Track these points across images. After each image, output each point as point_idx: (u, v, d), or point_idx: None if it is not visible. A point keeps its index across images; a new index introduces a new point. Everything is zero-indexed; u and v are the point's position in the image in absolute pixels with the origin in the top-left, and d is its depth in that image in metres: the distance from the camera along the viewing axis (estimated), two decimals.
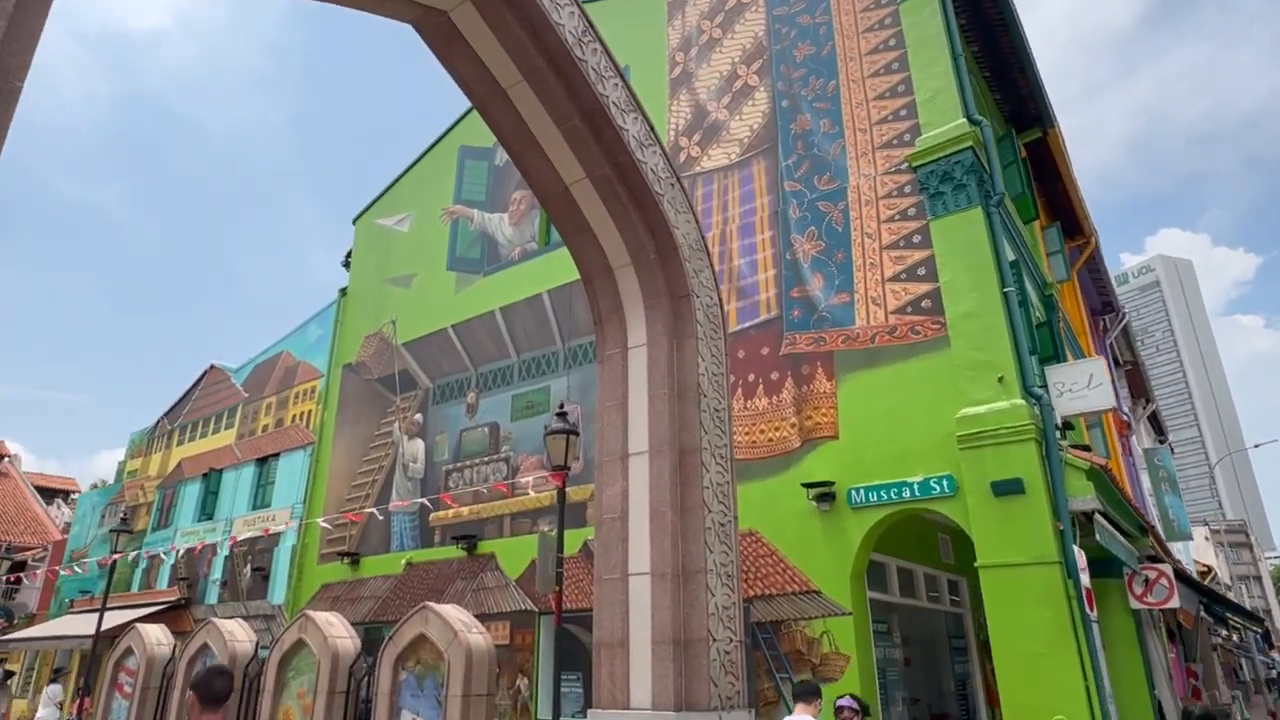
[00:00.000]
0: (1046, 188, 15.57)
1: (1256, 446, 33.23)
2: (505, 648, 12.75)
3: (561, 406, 9.85)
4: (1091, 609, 8.39)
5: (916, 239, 10.66)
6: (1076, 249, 17.08)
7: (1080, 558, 8.39)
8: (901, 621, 11.67)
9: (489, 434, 14.62)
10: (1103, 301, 20.15)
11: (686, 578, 7.69)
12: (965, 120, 10.51)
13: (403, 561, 14.87)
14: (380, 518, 15.75)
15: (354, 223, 20.15)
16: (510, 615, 12.96)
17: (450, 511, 14.63)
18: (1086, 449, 10.36)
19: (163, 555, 17.97)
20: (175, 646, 13.86)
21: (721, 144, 13.34)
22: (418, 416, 16.09)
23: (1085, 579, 8.35)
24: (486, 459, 14.28)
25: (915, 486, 9.66)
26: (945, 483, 9.45)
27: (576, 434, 9.55)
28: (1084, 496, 8.74)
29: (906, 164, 11.01)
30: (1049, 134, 14.44)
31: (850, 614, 9.74)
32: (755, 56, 13.43)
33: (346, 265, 20.03)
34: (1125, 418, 19.76)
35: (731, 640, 7.74)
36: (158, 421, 23.85)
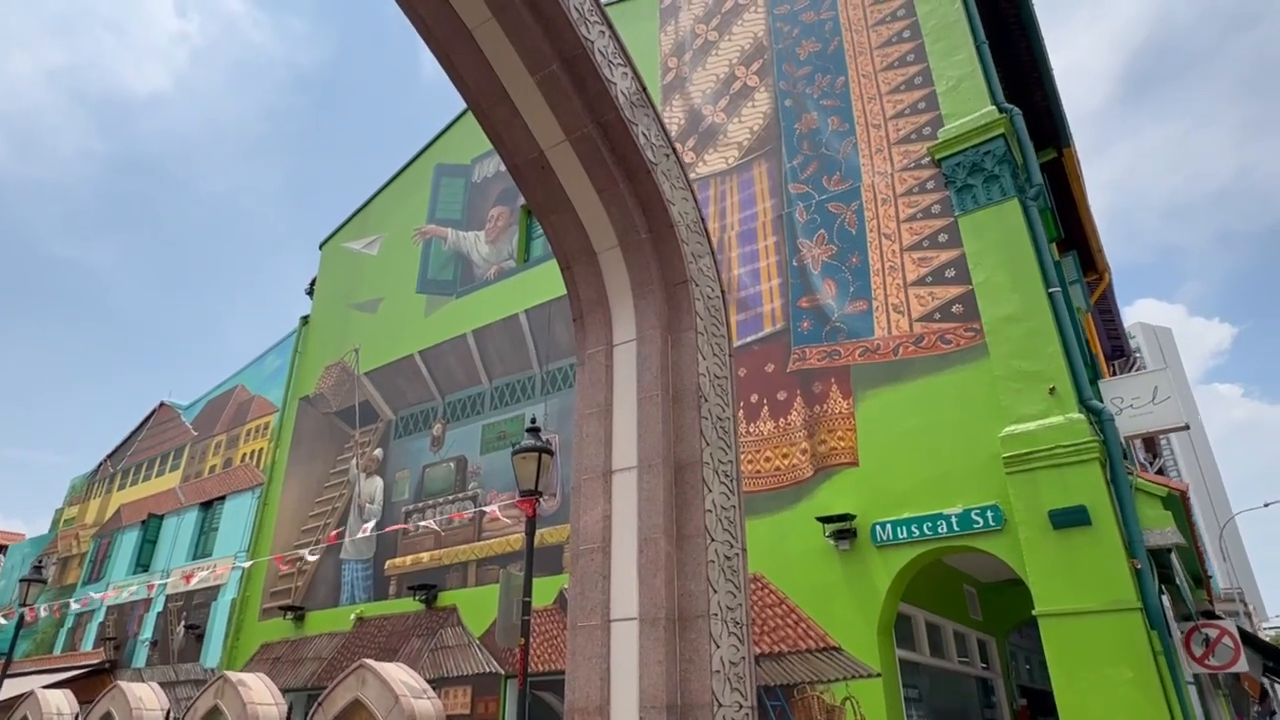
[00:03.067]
0: (1060, 214, 14.49)
1: (1266, 506, 31.77)
2: (465, 718, 10.84)
3: (533, 421, 8.30)
4: (1188, 667, 6.80)
5: (943, 238, 9.38)
6: (1090, 285, 15.95)
7: (1167, 604, 6.84)
8: (928, 687, 9.94)
9: (455, 469, 12.95)
10: (1113, 345, 18.96)
11: (684, 624, 6.03)
12: (994, 108, 9.39)
13: (352, 616, 12.98)
14: (331, 548, 13.89)
15: (320, 248, 18.79)
16: (472, 679, 11.09)
17: (408, 558, 12.83)
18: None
19: (74, 606, 15.89)
20: (75, 717, 11.84)
21: (719, 148, 12.17)
22: (377, 452, 14.41)
23: (1176, 631, 6.77)
24: (452, 497, 12.58)
25: (953, 520, 8.11)
26: (990, 514, 7.92)
27: (550, 453, 7.98)
28: (1162, 529, 7.24)
29: (929, 158, 9.82)
30: (1064, 154, 13.40)
31: (879, 675, 8.06)
32: (755, 57, 12.40)
33: (310, 293, 18.58)
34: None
35: (741, 707, 6.04)
36: (100, 464, 21.89)
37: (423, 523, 9.99)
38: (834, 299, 9.94)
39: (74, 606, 15.82)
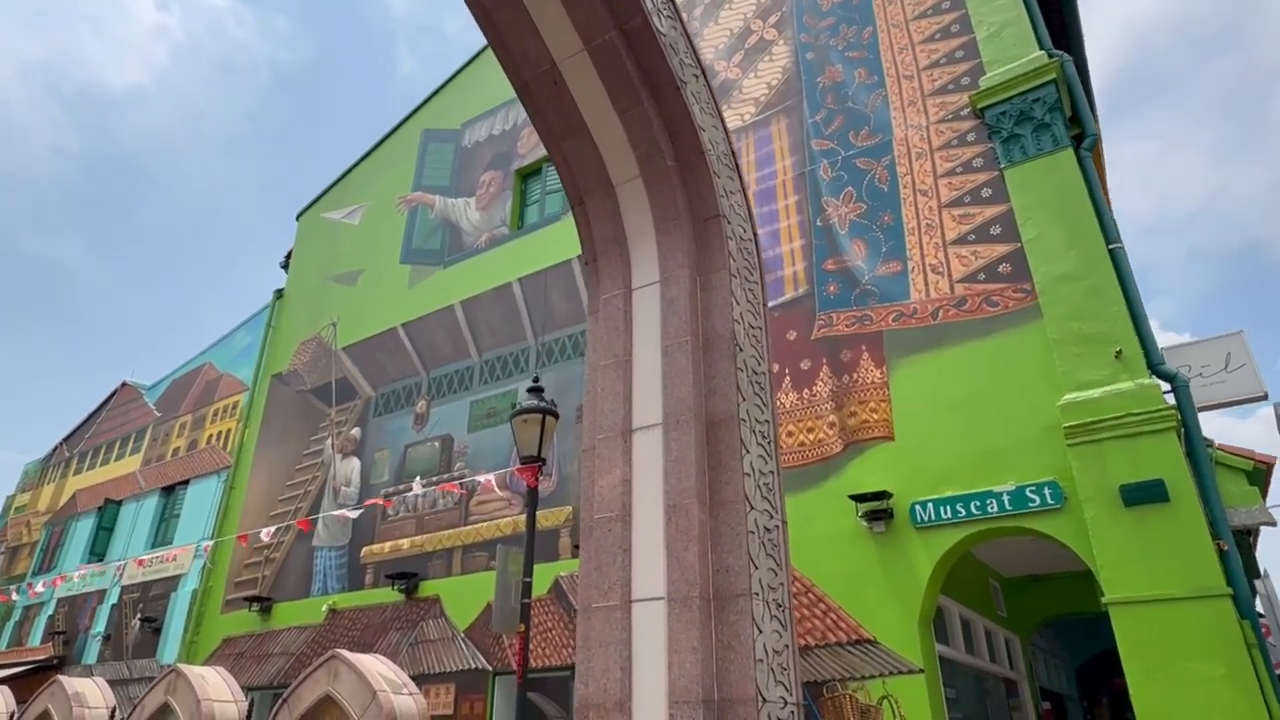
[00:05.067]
0: None
1: None
2: (448, 718, 9.81)
3: (535, 380, 7.33)
4: None
5: (986, 193, 8.55)
6: None
7: (1261, 592, 6.01)
8: (963, 688, 9.07)
9: (440, 449, 11.92)
10: None
11: (722, 605, 5.07)
12: (1043, 52, 8.58)
13: (324, 608, 11.89)
14: (303, 535, 12.79)
15: (297, 219, 17.66)
16: (456, 676, 10.06)
17: (386, 545, 11.77)
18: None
19: (15, 595, 14.62)
20: (11, 716, 10.67)
21: (733, 105, 11.29)
22: (355, 431, 13.33)
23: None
24: (436, 478, 11.54)
25: (1005, 498, 7.25)
26: (1048, 491, 7.06)
27: (555, 414, 7.01)
28: (1249, 507, 6.42)
29: (969, 108, 8.99)
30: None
31: (921, 672, 7.16)
32: (773, 10, 11.53)
33: (285, 267, 17.44)
34: None
35: (786, 703, 5.10)
36: (55, 448, 20.53)
37: (409, 493, 9.00)
38: (864, 260, 9.07)
39: (14, 597, 14.56)
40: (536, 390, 7.13)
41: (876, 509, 7.75)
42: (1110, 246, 7.54)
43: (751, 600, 5.02)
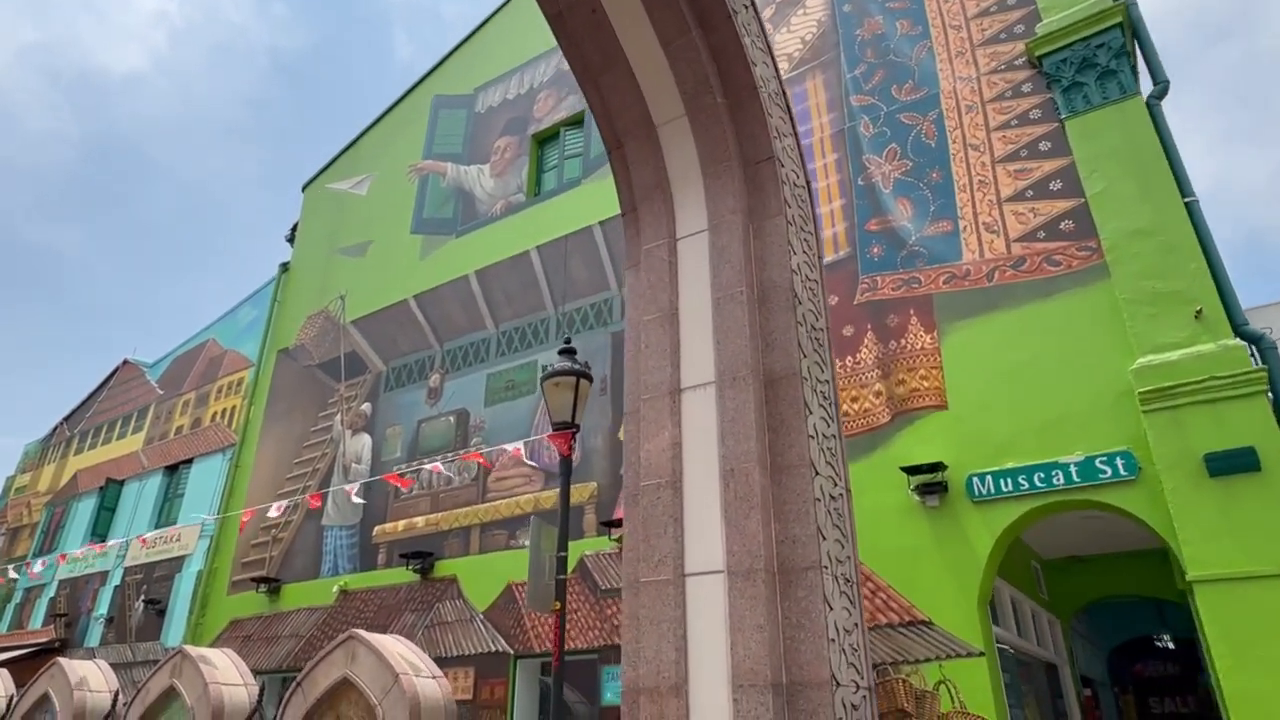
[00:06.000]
0: None
1: None
2: (467, 704, 9.36)
3: (568, 341, 6.81)
4: None
5: (1044, 146, 7.99)
6: None
7: None
8: (1009, 673, 8.60)
9: (455, 423, 11.42)
10: None
11: (789, 578, 4.55)
12: None
13: (335, 588, 11.43)
14: (311, 514, 12.32)
15: (303, 190, 17.09)
16: (476, 659, 9.59)
17: (400, 523, 11.29)
18: None
19: (15, 575, 14.20)
20: (10, 700, 10.23)
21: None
22: (365, 407, 12.83)
23: None
24: (451, 455, 11.04)
25: (1073, 469, 6.73)
26: (1120, 461, 6.55)
27: (589, 377, 6.49)
28: None
29: (1024, 58, 8.42)
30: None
31: (982, 655, 6.68)
32: None
33: (291, 240, 16.89)
34: None
35: (858, 687, 4.60)
36: (55, 428, 20.06)
37: (428, 467, 8.52)
38: (910, 220, 8.52)
39: (14, 576, 14.13)
40: (568, 352, 6.61)
41: (930, 482, 7.25)
42: (1186, 200, 6.99)
43: (822, 574, 4.51)
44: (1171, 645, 13.74)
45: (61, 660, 9.11)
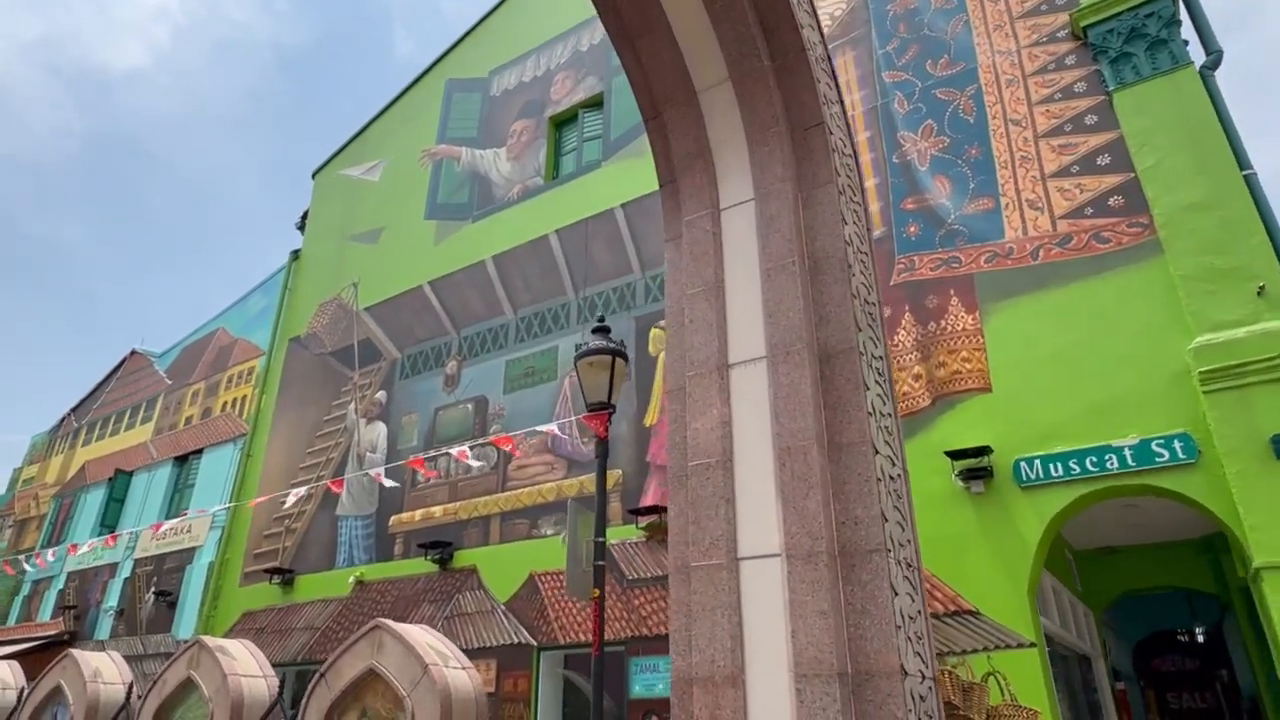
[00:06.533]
0: None
1: None
2: (489, 697, 9.11)
3: (601, 319, 6.55)
4: None
5: (1090, 120, 7.70)
6: None
7: None
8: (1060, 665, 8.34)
9: (474, 411, 11.17)
10: None
11: (851, 562, 4.28)
12: None
13: (351, 579, 11.20)
14: (324, 504, 12.09)
15: (313, 177, 16.83)
16: (497, 651, 9.36)
17: (417, 513, 11.05)
18: None
19: (27, 565, 13.99)
20: (22, 691, 9.99)
21: None
22: (380, 395, 12.58)
23: None
24: (480, 440, 10.79)
25: (1128, 452, 6.47)
26: (1179, 444, 6.28)
27: (624, 356, 6.23)
28: None
29: (1068, 29, 8.13)
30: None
31: (1033, 646, 6.42)
32: None
33: (301, 228, 16.64)
34: None
35: (924, 677, 4.34)
36: (62, 419, 19.85)
37: (454, 450, 8.27)
38: (949, 198, 8.24)
39: (27, 568, 13.92)
40: (602, 330, 6.35)
41: (975, 467, 6.99)
42: (1244, 173, 6.71)
43: (887, 557, 4.25)
44: (1201, 638, 13.49)
45: (74, 651, 8.87)
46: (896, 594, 4.22)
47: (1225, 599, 10.43)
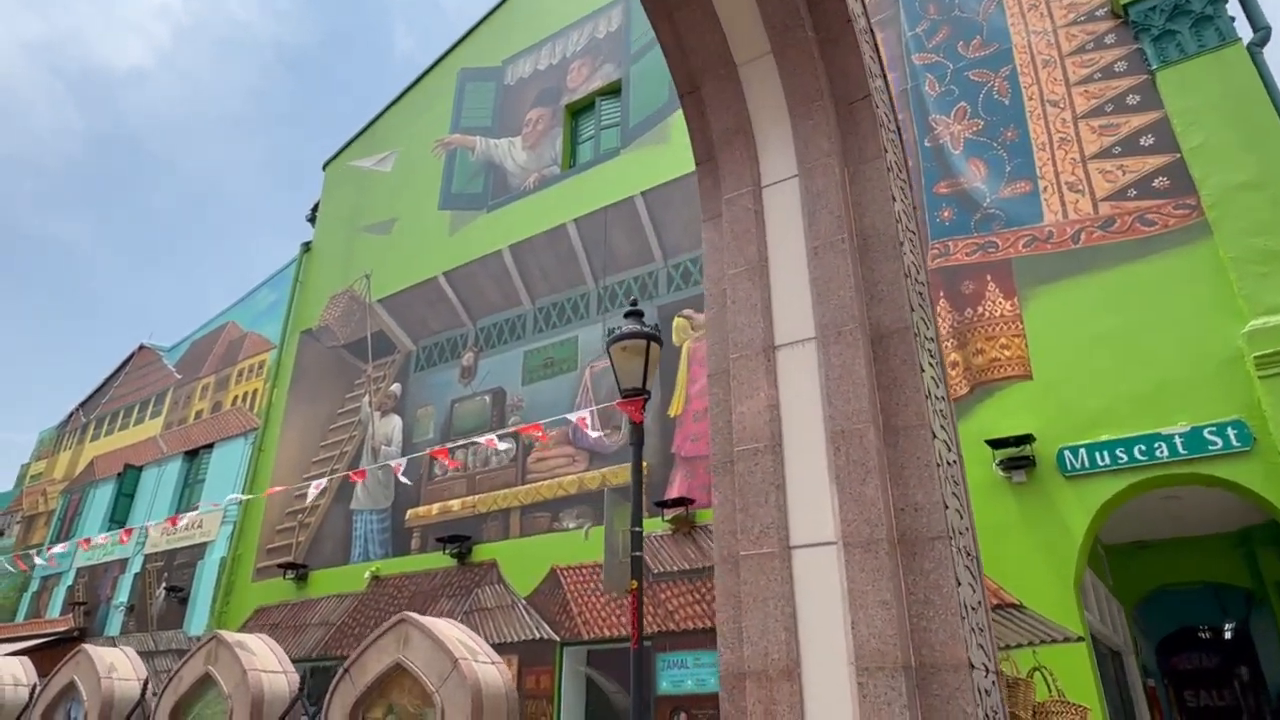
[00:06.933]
0: None
1: None
2: None
3: (634, 303, 6.35)
4: None
5: (1133, 100, 7.48)
6: None
7: None
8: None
9: (491, 403, 10.97)
10: None
11: (912, 550, 4.07)
12: None
13: (367, 574, 11.01)
14: (338, 498, 11.91)
15: (324, 168, 16.64)
16: (519, 647, 9.17)
17: (434, 506, 10.86)
18: None
19: (38, 559, 13.84)
20: (34, 688, 9.84)
21: None
22: (394, 387, 12.40)
23: None
24: (504, 430, 10.59)
25: (1178, 440, 6.25)
26: (1233, 432, 6.07)
27: (659, 340, 6.03)
28: None
29: (1106, 7, 7.91)
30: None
31: (1081, 640, 6.22)
32: None
33: (312, 220, 16.45)
34: None
35: (988, 670, 4.14)
36: (70, 415, 19.70)
37: (481, 439, 8.06)
38: (984, 182, 8.03)
39: (38, 561, 13.76)
40: (635, 314, 6.15)
41: (1016, 456, 6.78)
42: None
43: (950, 545, 4.05)
44: (1228, 634, 13.27)
45: (88, 647, 8.70)
46: (959, 584, 4.02)
47: (1260, 594, 10.22)
